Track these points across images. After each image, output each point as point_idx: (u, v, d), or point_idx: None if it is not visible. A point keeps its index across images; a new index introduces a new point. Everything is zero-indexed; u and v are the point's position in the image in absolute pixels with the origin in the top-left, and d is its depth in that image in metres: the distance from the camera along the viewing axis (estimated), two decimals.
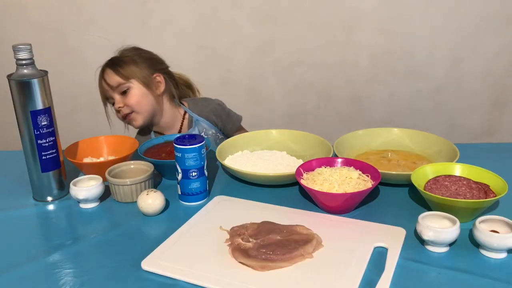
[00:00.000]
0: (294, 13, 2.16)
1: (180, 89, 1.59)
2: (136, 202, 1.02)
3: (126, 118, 1.47)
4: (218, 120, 1.57)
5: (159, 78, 1.49)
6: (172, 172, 1.09)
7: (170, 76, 1.53)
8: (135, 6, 2.13)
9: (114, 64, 1.44)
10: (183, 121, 1.55)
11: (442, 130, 2.28)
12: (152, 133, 1.56)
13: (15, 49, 1.00)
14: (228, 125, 1.59)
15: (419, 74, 2.25)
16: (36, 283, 0.81)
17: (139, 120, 1.47)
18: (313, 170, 1.08)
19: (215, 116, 1.57)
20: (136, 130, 1.58)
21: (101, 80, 1.46)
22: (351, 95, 2.31)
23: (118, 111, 1.46)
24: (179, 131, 1.54)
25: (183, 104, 1.57)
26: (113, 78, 1.42)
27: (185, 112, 1.56)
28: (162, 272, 0.81)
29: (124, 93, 1.43)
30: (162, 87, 1.49)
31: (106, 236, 0.94)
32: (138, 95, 1.44)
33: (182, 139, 1.03)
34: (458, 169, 1.04)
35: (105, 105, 1.51)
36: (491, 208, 0.98)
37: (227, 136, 1.56)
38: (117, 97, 1.44)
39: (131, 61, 1.45)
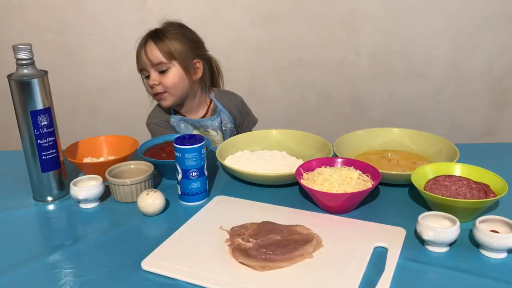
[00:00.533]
0: (294, 13, 2.16)
1: (213, 77, 1.60)
2: (136, 202, 1.02)
3: (156, 96, 1.46)
4: (239, 116, 1.59)
5: (199, 64, 1.48)
6: (172, 172, 1.09)
7: (207, 62, 1.53)
8: (135, 6, 2.13)
9: (159, 39, 1.41)
10: (208, 108, 1.56)
11: (442, 130, 2.28)
12: (172, 112, 1.54)
13: (15, 49, 1.00)
14: (245, 123, 1.61)
15: (419, 74, 2.25)
16: (36, 283, 0.81)
17: (170, 101, 1.46)
18: (313, 170, 1.08)
19: (238, 111, 1.58)
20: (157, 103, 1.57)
21: (142, 51, 1.43)
22: (351, 95, 2.31)
23: (151, 87, 1.44)
24: (203, 117, 1.55)
25: (210, 92, 1.58)
26: (155, 54, 1.40)
27: (211, 101, 1.57)
28: (162, 272, 0.81)
29: (162, 71, 1.42)
30: (199, 74, 1.48)
31: (106, 236, 0.94)
32: (176, 77, 1.43)
33: (182, 139, 1.03)
34: (458, 169, 1.04)
35: (141, 73, 1.49)
36: (491, 208, 0.98)
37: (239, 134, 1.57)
38: (153, 73, 1.42)
39: (177, 41, 1.42)
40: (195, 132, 1.53)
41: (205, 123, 1.53)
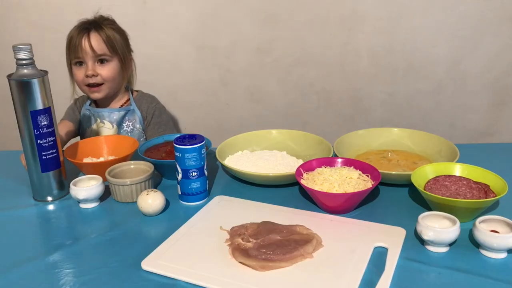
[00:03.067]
0: (294, 13, 2.15)
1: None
2: (136, 202, 1.02)
3: (91, 87, 1.45)
4: (148, 118, 1.57)
5: (131, 61, 1.50)
6: (172, 172, 1.09)
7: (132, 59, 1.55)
8: (135, 6, 2.13)
9: (102, 30, 1.42)
10: (122, 105, 1.56)
11: (442, 130, 2.27)
12: (90, 101, 1.54)
13: (15, 49, 1.00)
14: (155, 126, 1.58)
15: (419, 74, 2.25)
16: (36, 283, 0.81)
17: (103, 93, 1.47)
18: (313, 170, 1.08)
19: (147, 113, 1.57)
20: (74, 96, 1.59)
21: (84, 41, 1.41)
22: (351, 95, 2.31)
23: (86, 76, 1.43)
24: (111, 111, 1.54)
25: (131, 92, 1.58)
26: (100, 45, 1.40)
27: (128, 99, 1.57)
28: (162, 272, 0.81)
29: (101, 63, 1.42)
30: (130, 69, 1.51)
31: (106, 236, 0.94)
32: (115, 70, 1.44)
33: (182, 139, 1.03)
34: (458, 169, 1.04)
35: (71, 64, 1.47)
36: (491, 208, 0.98)
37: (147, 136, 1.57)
38: (91, 63, 1.42)
39: (118, 34, 1.44)
40: (94, 125, 1.53)
41: (102, 113, 1.52)
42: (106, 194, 1.09)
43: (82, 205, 1.07)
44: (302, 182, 1.01)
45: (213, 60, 2.22)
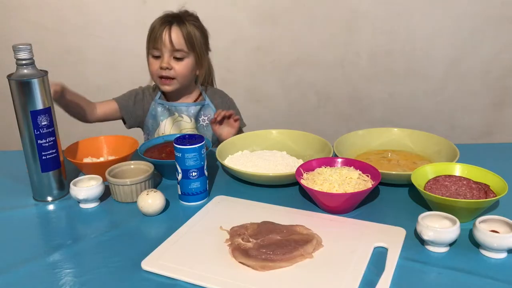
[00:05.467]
0: (294, 13, 2.16)
1: (207, 75, 1.59)
2: (136, 202, 1.02)
3: (163, 79, 1.44)
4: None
5: (206, 60, 1.49)
6: (172, 172, 1.09)
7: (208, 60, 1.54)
8: (135, 6, 2.13)
9: (184, 25, 1.41)
10: (195, 100, 1.55)
11: (442, 130, 2.28)
12: (161, 94, 1.53)
13: (15, 49, 1.00)
14: None
15: (419, 74, 2.25)
16: (36, 283, 0.81)
17: (174, 87, 1.46)
18: (313, 170, 1.08)
19: (223, 109, 1.56)
20: (146, 84, 1.56)
21: (165, 33, 1.40)
22: (351, 95, 2.31)
23: (160, 68, 1.42)
24: (188, 105, 1.53)
25: (203, 88, 1.57)
26: (180, 40, 1.40)
27: (201, 94, 1.56)
28: (162, 272, 0.81)
29: (177, 58, 1.41)
30: (203, 70, 1.50)
31: (106, 236, 0.94)
32: (188, 67, 1.43)
33: (182, 139, 1.03)
34: (458, 169, 1.04)
35: (148, 53, 1.45)
36: (491, 208, 0.98)
37: None
38: (168, 57, 1.41)
39: (198, 32, 1.43)
40: (169, 118, 1.52)
41: (180, 107, 1.52)
42: (106, 194, 1.09)
43: (82, 205, 1.07)
44: (302, 182, 1.01)
45: (213, 60, 2.22)
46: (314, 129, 1.35)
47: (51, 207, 1.08)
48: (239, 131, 1.60)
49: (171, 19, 1.41)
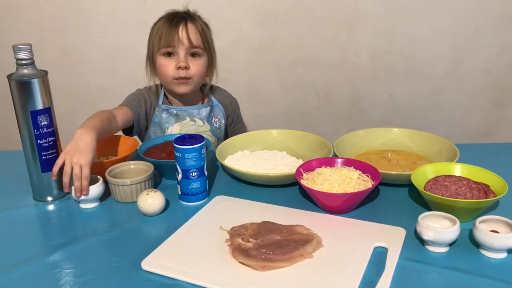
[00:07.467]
0: (294, 13, 2.15)
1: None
2: (136, 202, 1.02)
3: (179, 79, 1.35)
4: (232, 114, 1.55)
5: (215, 59, 1.44)
6: (172, 172, 1.09)
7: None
8: (135, 6, 2.13)
9: (197, 22, 1.35)
10: (202, 102, 1.49)
11: (442, 130, 2.27)
12: (164, 99, 1.44)
13: (15, 49, 1.00)
14: (237, 125, 1.58)
15: (419, 74, 2.25)
16: (36, 283, 0.81)
17: (190, 89, 1.38)
18: (313, 170, 1.08)
19: (232, 109, 1.55)
20: (153, 84, 1.47)
21: (181, 29, 1.32)
22: (351, 95, 2.31)
23: (179, 68, 1.33)
24: (199, 108, 1.47)
25: (205, 88, 1.51)
26: (197, 37, 1.33)
27: (206, 95, 1.51)
28: (162, 272, 0.81)
29: (193, 56, 1.35)
30: (213, 69, 1.44)
31: (106, 236, 0.94)
32: (203, 66, 1.37)
33: (182, 139, 1.03)
34: (458, 169, 1.04)
35: (152, 56, 1.37)
36: (491, 208, 0.98)
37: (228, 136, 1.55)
38: (183, 54, 1.33)
39: (208, 30, 1.39)
40: (176, 124, 1.42)
41: (191, 111, 1.44)
42: (106, 194, 1.09)
43: (82, 205, 1.07)
44: (302, 182, 1.01)
45: None
46: (314, 129, 1.35)
47: (51, 207, 1.08)
48: (242, 131, 1.58)
49: (184, 16, 1.35)
